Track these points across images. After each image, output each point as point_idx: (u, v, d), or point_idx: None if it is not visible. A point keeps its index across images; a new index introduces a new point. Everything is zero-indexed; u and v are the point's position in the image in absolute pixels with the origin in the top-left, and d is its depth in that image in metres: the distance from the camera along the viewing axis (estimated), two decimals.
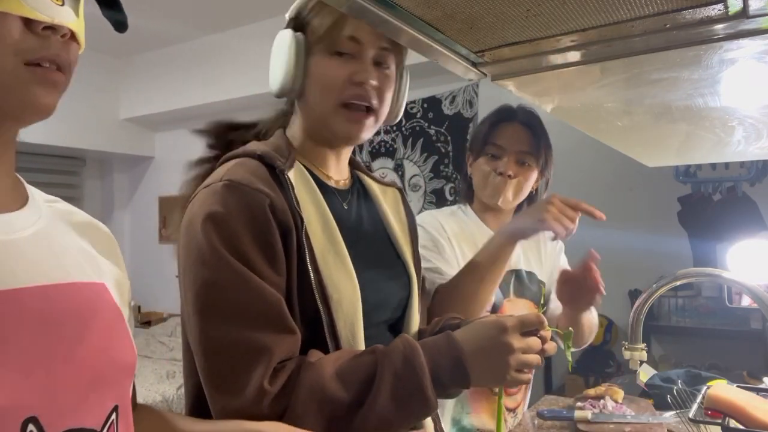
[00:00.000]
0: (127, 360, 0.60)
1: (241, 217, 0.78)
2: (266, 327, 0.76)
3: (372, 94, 0.88)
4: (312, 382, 0.75)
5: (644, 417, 1.32)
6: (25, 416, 0.46)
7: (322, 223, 0.87)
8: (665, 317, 2.54)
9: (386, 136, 3.37)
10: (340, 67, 0.87)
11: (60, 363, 0.51)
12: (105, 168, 4.66)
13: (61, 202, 0.63)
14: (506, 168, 1.32)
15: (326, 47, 0.88)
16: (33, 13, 0.48)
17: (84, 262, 0.58)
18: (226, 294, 0.75)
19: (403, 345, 0.80)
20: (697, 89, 0.76)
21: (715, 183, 2.41)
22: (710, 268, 1.14)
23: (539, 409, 1.41)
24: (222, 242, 0.77)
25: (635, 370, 1.13)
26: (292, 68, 0.89)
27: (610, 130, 1.09)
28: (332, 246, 0.86)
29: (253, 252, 0.78)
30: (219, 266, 0.76)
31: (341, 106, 0.88)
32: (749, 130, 1.00)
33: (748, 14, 0.53)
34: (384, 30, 0.60)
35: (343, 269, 0.86)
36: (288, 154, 0.89)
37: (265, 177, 0.83)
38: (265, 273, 0.78)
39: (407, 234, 1.05)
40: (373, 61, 0.89)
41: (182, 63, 3.66)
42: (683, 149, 1.35)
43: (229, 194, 0.79)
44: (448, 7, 0.56)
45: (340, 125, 0.90)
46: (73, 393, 0.51)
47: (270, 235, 0.79)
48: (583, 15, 0.57)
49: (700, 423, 1.02)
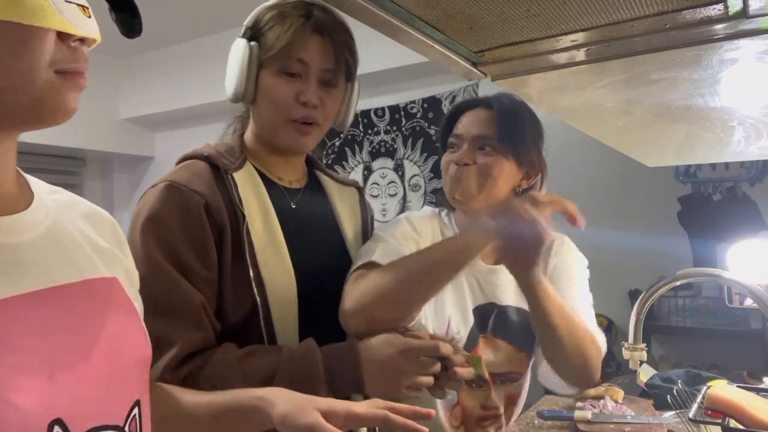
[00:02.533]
0: (143, 354, 0.61)
1: (176, 217, 0.88)
2: (178, 323, 0.84)
3: (316, 113, 0.96)
4: (216, 376, 0.83)
5: (644, 417, 1.32)
6: (51, 418, 0.47)
7: (264, 220, 0.95)
8: (665, 317, 2.54)
9: (386, 136, 3.37)
10: (287, 86, 0.95)
11: (81, 363, 0.52)
12: (105, 168, 4.66)
13: (63, 192, 0.63)
14: (462, 156, 1.12)
15: (276, 65, 0.95)
16: (72, 29, 0.50)
17: (95, 257, 0.60)
18: (150, 290, 0.78)
19: (306, 349, 0.88)
20: (697, 89, 0.76)
21: (715, 183, 2.40)
22: (710, 268, 1.14)
23: (539, 409, 1.41)
24: (157, 243, 0.86)
25: (635, 370, 1.13)
26: (243, 78, 0.97)
27: (610, 130, 1.09)
28: (272, 241, 0.94)
29: (185, 251, 0.87)
30: (149, 266, 0.84)
31: (289, 122, 0.96)
32: (749, 130, 1.00)
33: (748, 14, 0.53)
34: (384, 30, 0.60)
35: (280, 263, 0.94)
36: (239, 155, 0.99)
37: (208, 178, 0.93)
38: (196, 269, 0.87)
39: (359, 230, 1.12)
40: (318, 80, 0.96)
41: (182, 63, 3.65)
42: (683, 149, 1.34)
43: (169, 195, 0.89)
44: (448, 7, 0.56)
45: (287, 139, 0.98)
46: (95, 391, 0.52)
47: (203, 233, 0.88)
48: (583, 15, 0.57)
49: (700, 423, 1.02)
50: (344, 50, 0.97)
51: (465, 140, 1.13)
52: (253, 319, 0.91)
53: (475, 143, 1.12)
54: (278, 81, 0.95)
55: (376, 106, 3.31)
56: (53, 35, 0.50)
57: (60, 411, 0.48)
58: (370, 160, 3.45)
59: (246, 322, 0.91)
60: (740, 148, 1.18)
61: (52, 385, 0.48)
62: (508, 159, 1.11)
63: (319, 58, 0.95)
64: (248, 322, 0.91)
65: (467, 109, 1.18)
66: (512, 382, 1.19)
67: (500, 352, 1.17)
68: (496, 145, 1.10)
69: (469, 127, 1.14)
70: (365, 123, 3.36)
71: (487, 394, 1.15)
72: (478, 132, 1.12)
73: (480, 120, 1.13)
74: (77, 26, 0.51)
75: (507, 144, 1.10)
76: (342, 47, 0.97)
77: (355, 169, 3.40)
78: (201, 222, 0.89)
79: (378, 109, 3.32)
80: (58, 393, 0.48)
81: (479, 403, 1.16)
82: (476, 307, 1.16)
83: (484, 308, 1.16)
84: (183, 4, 3.07)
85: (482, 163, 1.10)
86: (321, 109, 0.97)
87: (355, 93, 1.05)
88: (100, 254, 0.61)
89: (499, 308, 1.17)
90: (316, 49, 0.95)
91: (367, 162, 3.42)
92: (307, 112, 0.95)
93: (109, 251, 0.63)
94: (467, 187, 1.11)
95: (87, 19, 0.52)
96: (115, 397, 0.55)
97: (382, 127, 3.34)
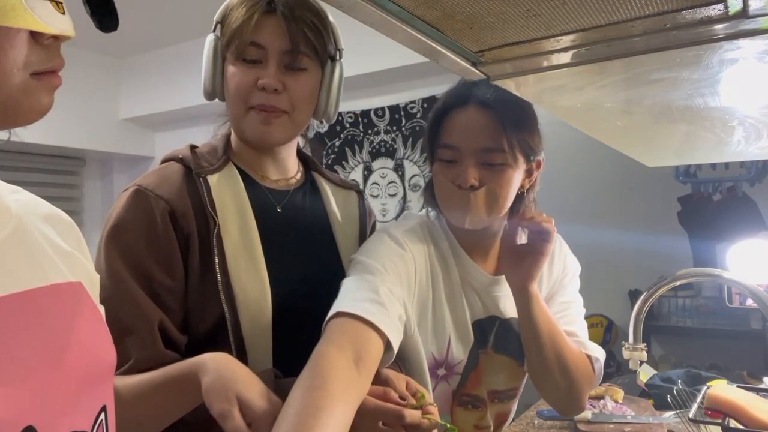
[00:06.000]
0: (109, 359, 0.60)
1: (140, 224, 0.85)
2: (131, 338, 0.80)
3: (278, 99, 0.89)
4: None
5: (644, 417, 1.32)
6: (22, 426, 0.46)
7: (240, 225, 0.89)
8: (665, 317, 2.54)
9: (386, 136, 3.37)
10: (245, 74, 0.89)
11: (51, 369, 0.50)
12: (105, 168, 4.65)
13: (22, 192, 0.61)
14: (466, 178, 0.94)
15: (233, 54, 0.90)
16: (45, 28, 0.47)
17: (59, 261, 0.57)
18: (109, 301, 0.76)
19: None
20: (697, 89, 0.76)
21: (715, 183, 2.40)
22: (710, 268, 1.13)
23: (539, 409, 1.41)
24: (119, 253, 0.83)
25: (635, 370, 1.13)
26: (210, 72, 0.92)
27: (610, 130, 1.09)
28: (246, 248, 0.89)
29: (148, 260, 0.83)
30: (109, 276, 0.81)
31: (250, 109, 0.90)
32: (749, 130, 1.00)
33: (748, 14, 0.53)
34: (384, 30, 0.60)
35: (253, 271, 0.88)
36: (221, 156, 0.93)
37: (178, 181, 0.89)
38: (159, 279, 0.84)
39: (356, 237, 1.05)
40: (280, 64, 0.89)
41: (182, 63, 3.65)
42: (683, 149, 1.34)
43: (135, 201, 0.86)
44: (448, 7, 0.55)
45: (250, 129, 0.91)
46: (65, 397, 0.51)
47: (167, 241, 0.85)
48: (583, 15, 0.57)
49: (700, 423, 1.02)
50: (304, 28, 0.88)
51: (465, 155, 0.95)
52: (222, 331, 0.85)
53: (477, 158, 0.95)
54: (237, 69, 0.90)
55: (376, 106, 3.31)
56: (25, 35, 0.47)
57: (31, 418, 0.47)
58: (370, 160, 3.44)
59: (214, 334, 0.86)
60: (740, 148, 1.18)
61: (23, 392, 0.47)
62: (518, 164, 0.97)
63: (275, 39, 0.87)
64: (216, 335, 0.86)
65: (455, 107, 0.98)
66: (509, 400, 1.14)
67: (501, 368, 1.09)
68: (504, 156, 0.94)
69: (467, 138, 0.95)
70: (365, 123, 3.36)
71: (482, 414, 1.09)
72: (482, 145, 0.94)
73: (479, 127, 0.95)
74: (50, 24, 0.48)
75: (516, 147, 0.95)
76: (301, 25, 0.88)
77: (355, 169, 3.40)
78: (166, 229, 0.85)
79: (378, 109, 3.32)
80: (30, 400, 0.47)
81: (473, 424, 1.09)
82: (476, 321, 1.06)
83: (485, 322, 1.06)
84: (183, 4, 3.06)
85: (491, 185, 0.95)
86: (285, 95, 0.89)
87: (336, 78, 0.95)
88: (63, 258, 0.58)
89: (501, 321, 1.07)
90: (271, 30, 0.87)
91: (367, 162, 3.42)
92: (267, 97, 0.88)
93: (72, 255, 0.61)
94: (477, 213, 0.96)
95: (61, 16, 0.49)
96: (84, 403, 0.53)
97: (382, 127, 3.34)
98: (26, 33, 0.47)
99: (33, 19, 0.46)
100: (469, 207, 0.95)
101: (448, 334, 1.03)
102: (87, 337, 0.56)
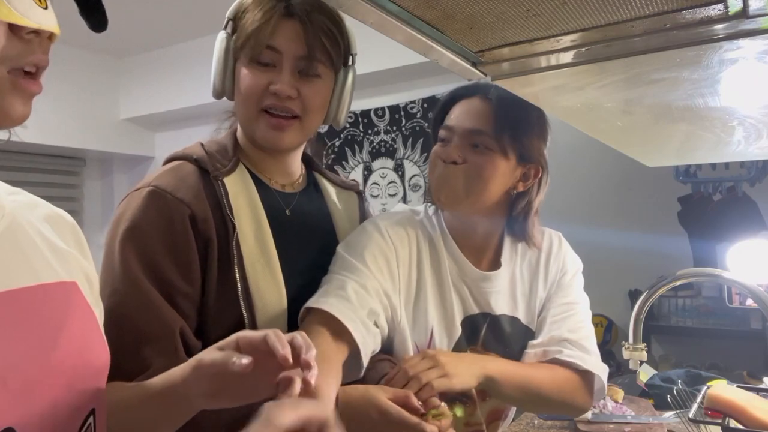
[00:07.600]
0: (101, 361, 0.59)
1: (159, 228, 0.81)
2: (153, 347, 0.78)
3: (291, 103, 0.88)
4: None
5: (644, 417, 1.32)
6: (2, 427, 0.45)
7: (255, 230, 0.88)
8: (665, 317, 2.54)
9: (386, 136, 3.37)
10: (258, 77, 0.88)
11: (35, 370, 0.49)
12: (105, 168, 4.65)
13: (23, 193, 0.60)
14: (451, 152, 0.99)
15: (247, 55, 0.88)
16: (22, 20, 0.46)
17: (53, 260, 0.57)
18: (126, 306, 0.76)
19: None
20: (697, 89, 0.76)
21: (715, 183, 2.40)
22: (710, 268, 1.14)
23: None
24: (136, 257, 0.80)
25: (635, 370, 1.13)
26: (221, 71, 0.90)
27: (610, 130, 1.09)
28: (263, 254, 0.87)
29: (167, 265, 0.80)
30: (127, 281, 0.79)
31: (262, 112, 0.89)
32: (749, 130, 1.00)
33: (748, 14, 0.53)
34: (384, 30, 0.60)
35: (270, 277, 0.87)
36: (231, 156, 0.91)
37: (195, 183, 0.86)
38: (177, 285, 0.81)
39: None
40: (295, 69, 0.88)
41: (182, 63, 3.66)
42: (683, 149, 1.34)
43: (151, 202, 0.82)
44: (448, 7, 0.55)
45: (262, 132, 0.90)
46: (49, 400, 0.50)
47: (186, 246, 0.82)
48: (583, 15, 0.57)
49: (700, 423, 1.02)
50: (321, 35, 0.87)
51: (456, 134, 1.00)
52: None
53: (466, 139, 0.99)
54: (250, 71, 0.88)
55: (376, 106, 3.31)
56: (3, 27, 0.46)
57: (12, 419, 0.46)
58: (370, 160, 3.44)
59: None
60: (740, 148, 1.18)
61: (4, 394, 0.46)
62: (505, 157, 0.99)
63: (292, 44, 0.86)
64: None
65: (462, 97, 1.04)
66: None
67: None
68: (491, 142, 0.98)
69: (461, 119, 1.01)
70: (365, 123, 3.36)
71: (472, 411, 1.07)
72: (471, 126, 0.99)
73: (475, 111, 1.00)
74: (28, 17, 0.46)
75: (506, 138, 0.98)
76: (318, 31, 0.87)
77: (355, 169, 3.40)
78: (185, 234, 0.82)
79: (378, 109, 3.32)
80: (11, 401, 0.46)
81: (463, 421, 1.07)
82: (466, 318, 1.05)
83: (476, 318, 1.06)
84: (183, 4, 3.06)
85: (472, 162, 0.98)
86: (298, 101, 0.88)
87: (348, 85, 0.94)
88: (59, 257, 0.58)
89: (492, 318, 1.07)
90: (288, 35, 0.86)
91: (367, 162, 3.42)
92: (279, 101, 0.87)
93: (69, 253, 0.60)
94: (453, 189, 0.99)
95: (42, 10, 0.48)
96: (70, 405, 0.52)
97: (382, 127, 3.34)
98: (4, 25, 0.46)
99: (8, 11, 0.45)
100: (449, 180, 0.99)
101: (431, 325, 1.03)
102: (76, 338, 0.55)
